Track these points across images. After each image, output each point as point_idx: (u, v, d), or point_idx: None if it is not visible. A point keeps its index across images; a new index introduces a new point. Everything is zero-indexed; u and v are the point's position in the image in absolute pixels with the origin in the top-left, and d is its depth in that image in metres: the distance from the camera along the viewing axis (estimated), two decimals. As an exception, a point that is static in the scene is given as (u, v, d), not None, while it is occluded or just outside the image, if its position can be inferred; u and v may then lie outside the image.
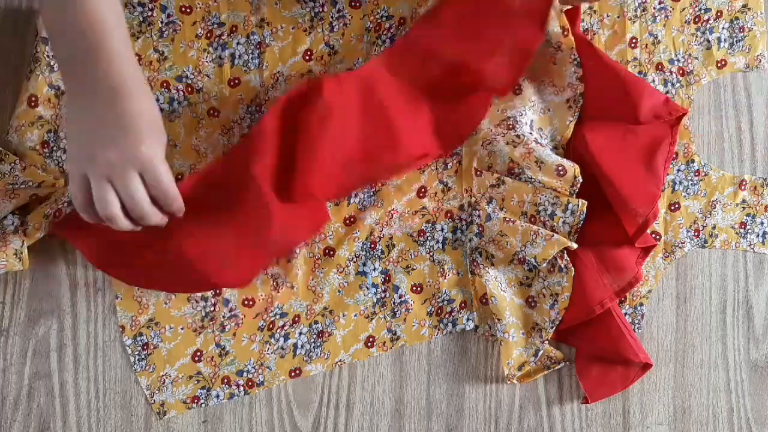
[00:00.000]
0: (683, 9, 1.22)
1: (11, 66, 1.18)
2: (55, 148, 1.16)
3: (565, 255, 1.14)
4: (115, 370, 1.17)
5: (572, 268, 1.13)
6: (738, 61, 1.23)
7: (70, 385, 1.17)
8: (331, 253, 1.19)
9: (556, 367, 1.18)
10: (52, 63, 1.15)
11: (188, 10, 1.19)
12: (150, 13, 1.19)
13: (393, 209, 1.20)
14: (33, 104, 1.15)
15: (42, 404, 1.16)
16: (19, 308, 1.17)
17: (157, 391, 1.17)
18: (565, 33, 1.16)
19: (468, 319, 1.19)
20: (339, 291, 1.19)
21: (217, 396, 1.17)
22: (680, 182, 1.21)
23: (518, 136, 1.15)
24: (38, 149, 1.16)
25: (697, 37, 1.22)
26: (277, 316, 1.18)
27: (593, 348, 1.17)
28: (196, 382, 1.17)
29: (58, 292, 1.17)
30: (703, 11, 1.22)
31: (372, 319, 1.19)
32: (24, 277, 1.17)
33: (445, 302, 1.19)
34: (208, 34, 1.20)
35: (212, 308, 1.18)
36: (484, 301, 1.18)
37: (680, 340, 1.20)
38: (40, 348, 1.17)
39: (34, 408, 1.16)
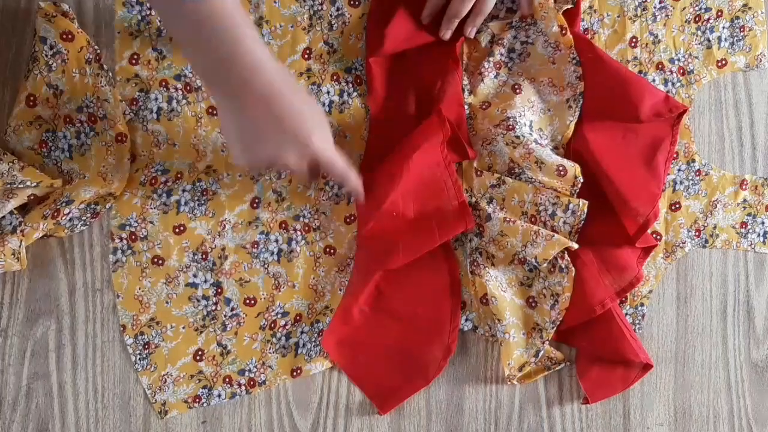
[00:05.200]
0: (683, 8, 1.22)
1: (10, 65, 1.18)
2: (53, 148, 1.16)
3: (566, 255, 1.14)
4: (113, 371, 1.17)
5: (573, 268, 1.13)
6: (738, 60, 1.22)
7: (68, 385, 1.16)
8: (332, 252, 1.19)
9: (557, 368, 1.18)
10: (50, 62, 1.14)
11: (187, 9, 1.19)
12: (148, 12, 1.19)
13: None
14: (31, 104, 1.14)
15: (40, 404, 1.16)
16: (18, 308, 1.16)
17: (158, 391, 1.17)
18: (564, 32, 1.16)
19: (467, 320, 1.19)
20: (340, 290, 1.19)
21: (219, 395, 1.17)
22: (681, 182, 1.20)
23: (518, 137, 1.14)
24: (36, 149, 1.15)
25: (697, 36, 1.22)
26: (279, 315, 1.18)
27: (594, 348, 1.17)
28: (197, 381, 1.17)
29: (57, 292, 1.17)
30: (703, 10, 1.22)
31: (372, 318, 1.19)
32: (22, 278, 1.16)
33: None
34: (207, 33, 1.19)
35: (214, 307, 1.18)
36: (484, 301, 1.18)
37: (681, 341, 1.20)
38: (38, 348, 1.16)
39: (32, 408, 1.16)
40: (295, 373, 1.18)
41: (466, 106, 1.18)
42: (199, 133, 1.19)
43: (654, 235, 1.19)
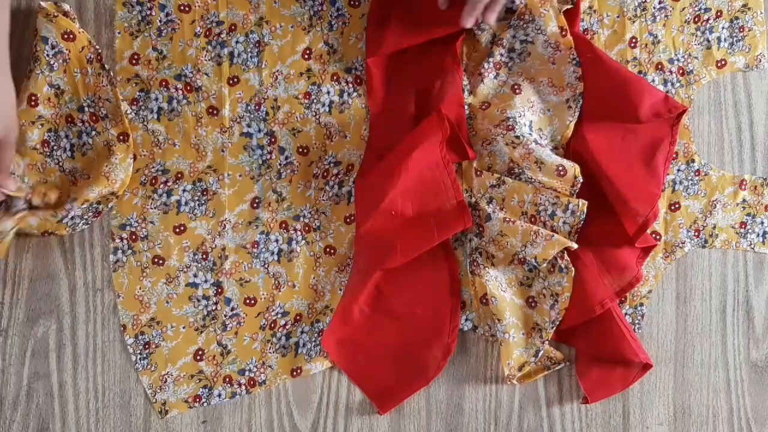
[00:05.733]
0: (683, 8, 1.22)
1: (10, 66, 1.18)
2: (55, 147, 1.16)
3: (566, 255, 1.14)
4: (114, 370, 1.17)
5: (572, 268, 1.13)
6: (738, 60, 1.23)
7: (69, 385, 1.16)
8: (332, 252, 1.19)
9: (557, 368, 1.18)
10: (52, 62, 1.14)
11: (187, 9, 1.19)
12: (149, 12, 1.19)
13: None
14: (33, 103, 1.15)
15: (41, 404, 1.16)
16: (18, 308, 1.16)
17: (158, 390, 1.17)
18: (564, 33, 1.16)
19: (467, 320, 1.19)
20: (340, 289, 1.19)
21: (219, 395, 1.17)
22: (680, 182, 1.20)
23: (517, 137, 1.14)
24: (39, 148, 1.16)
25: (696, 36, 1.22)
26: (279, 315, 1.18)
27: (593, 348, 1.17)
28: (197, 381, 1.17)
29: (57, 292, 1.17)
30: (702, 11, 1.22)
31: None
32: (23, 278, 1.16)
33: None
34: (207, 33, 1.19)
35: (214, 307, 1.18)
36: (484, 301, 1.18)
37: (680, 340, 1.20)
38: (39, 348, 1.16)
39: (33, 408, 1.16)
40: (295, 373, 1.18)
41: (466, 107, 1.18)
42: (199, 133, 1.19)
43: (653, 235, 1.19)
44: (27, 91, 1.15)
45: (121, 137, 1.16)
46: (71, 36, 1.15)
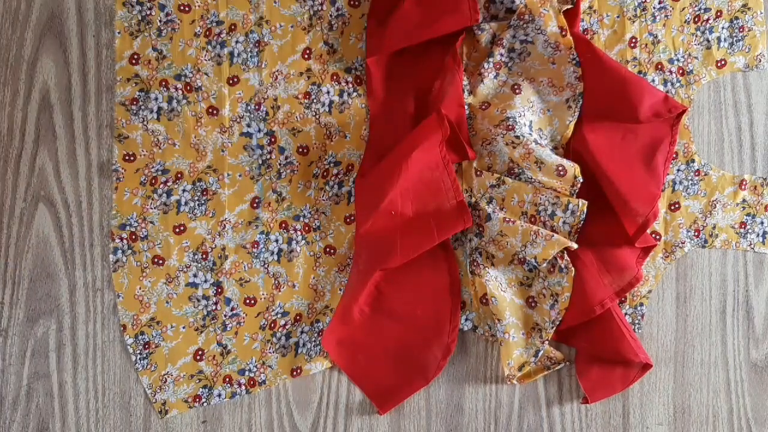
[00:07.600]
0: (683, 9, 1.22)
1: (10, 66, 1.18)
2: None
3: (566, 255, 1.14)
4: (113, 370, 1.17)
5: (572, 268, 1.13)
6: (738, 60, 1.22)
7: (69, 385, 1.16)
8: (332, 251, 1.19)
9: (556, 368, 1.17)
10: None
11: (187, 9, 1.19)
12: (149, 12, 1.19)
13: None
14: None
15: (41, 404, 1.16)
16: (18, 308, 1.16)
17: (158, 390, 1.17)
18: (564, 33, 1.16)
19: (467, 320, 1.19)
20: (340, 289, 1.19)
21: (219, 395, 1.17)
22: (680, 182, 1.20)
23: (517, 137, 1.14)
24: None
25: (696, 36, 1.22)
26: (279, 315, 1.18)
27: (593, 348, 1.17)
28: (197, 381, 1.17)
29: (57, 292, 1.17)
30: (702, 11, 1.22)
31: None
32: (23, 278, 1.16)
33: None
34: (207, 33, 1.19)
35: (214, 307, 1.18)
36: (484, 301, 1.18)
37: (680, 340, 1.20)
38: (39, 348, 1.16)
39: (32, 408, 1.16)
40: (295, 373, 1.18)
41: (466, 107, 1.18)
42: (199, 133, 1.19)
43: (653, 235, 1.19)
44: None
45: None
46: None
